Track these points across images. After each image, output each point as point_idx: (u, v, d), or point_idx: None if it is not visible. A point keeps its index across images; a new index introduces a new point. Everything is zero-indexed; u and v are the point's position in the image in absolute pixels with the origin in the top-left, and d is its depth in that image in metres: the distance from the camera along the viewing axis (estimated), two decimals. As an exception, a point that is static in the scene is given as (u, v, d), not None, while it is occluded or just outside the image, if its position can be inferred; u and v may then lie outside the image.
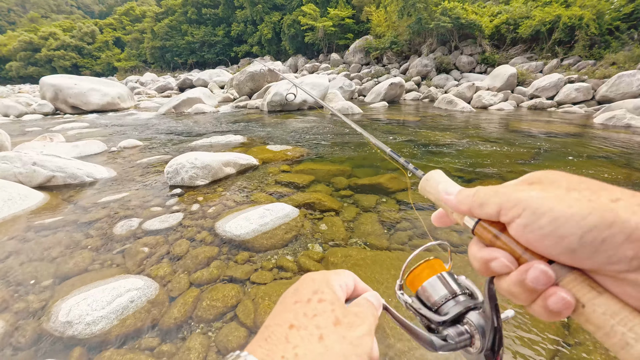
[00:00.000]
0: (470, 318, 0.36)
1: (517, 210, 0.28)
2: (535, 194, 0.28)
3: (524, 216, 0.28)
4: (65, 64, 53.13)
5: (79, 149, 5.31)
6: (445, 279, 0.40)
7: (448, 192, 0.37)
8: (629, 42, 14.16)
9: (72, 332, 1.58)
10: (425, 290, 0.40)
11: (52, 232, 2.64)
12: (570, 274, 0.27)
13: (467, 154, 4.88)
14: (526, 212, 0.28)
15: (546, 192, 0.28)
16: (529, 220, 0.27)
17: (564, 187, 0.28)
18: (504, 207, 0.29)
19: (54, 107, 12.08)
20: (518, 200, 0.29)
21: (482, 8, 20.87)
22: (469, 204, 0.34)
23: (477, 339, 0.35)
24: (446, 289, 0.39)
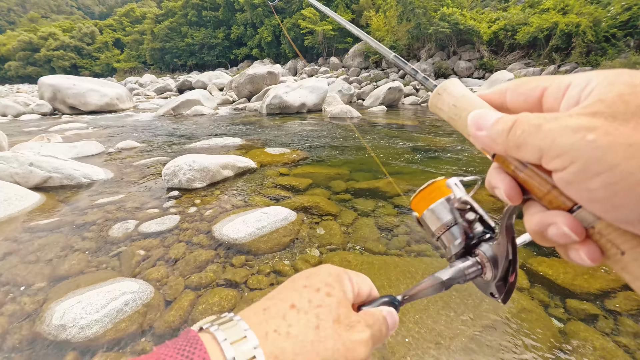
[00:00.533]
0: (482, 249, 0.35)
1: (563, 161, 0.21)
2: (592, 139, 0.20)
3: (569, 171, 0.21)
4: (65, 64, 53.09)
5: (77, 150, 5.29)
6: (451, 202, 0.37)
7: (479, 126, 0.28)
8: (625, 49, 14.33)
9: (65, 335, 1.56)
10: (433, 213, 0.37)
11: (48, 233, 2.62)
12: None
13: (464, 158, 4.89)
14: (574, 166, 0.21)
15: (613, 137, 0.19)
16: (575, 178, 0.21)
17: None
18: (547, 154, 0.22)
19: (52, 107, 12.05)
20: (565, 148, 0.21)
21: (481, 14, 21.08)
22: (504, 144, 0.25)
23: (488, 270, 0.34)
24: (452, 214, 0.36)
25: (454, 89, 0.33)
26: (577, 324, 1.66)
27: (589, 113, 0.21)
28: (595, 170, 0.20)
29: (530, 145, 0.23)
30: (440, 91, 0.34)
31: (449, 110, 0.33)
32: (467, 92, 0.33)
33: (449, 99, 0.33)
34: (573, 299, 1.84)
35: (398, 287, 1.94)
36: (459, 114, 0.32)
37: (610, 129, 0.19)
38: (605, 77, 0.22)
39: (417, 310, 1.73)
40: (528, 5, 20.04)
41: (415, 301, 0.38)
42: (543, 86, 0.26)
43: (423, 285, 0.36)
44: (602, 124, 0.20)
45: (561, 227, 0.23)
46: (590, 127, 0.20)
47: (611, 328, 1.64)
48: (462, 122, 0.32)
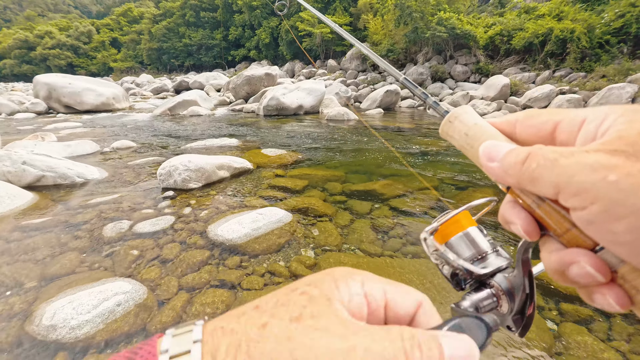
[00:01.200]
0: (498, 281, 0.33)
1: (582, 201, 0.20)
2: (614, 180, 0.19)
3: (590, 211, 0.20)
4: (61, 63, 52.71)
5: (71, 149, 5.24)
6: (472, 236, 0.35)
7: (491, 158, 0.27)
8: (618, 55, 14.52)
9: (55, 336, 1.54)
10: (451, 248, 0.35)
11: (40, 233, 2.58)
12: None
13: (460, 162, 4.92)
14: (595, 207, 0.20)
15: (636, 180, 0.18)
16: (596, 219, 0.20)
17: None
18: (564, 192, 0.21)
19: (48, 106, 11.94)
20: (584, 187, 0.20)
21: (477, 19, 21.27)
22: (517, 177, 0.24)
23: (504, 303, 0.32)
24: (474, 248, 0.34)
25: (466, 117, 0.33)
26: (570, 326, 1.67)
27: (608, 150, 0.20)
28: (619, 213, 0.19)
29: (546, 180, 0.22)
30: (452, 118, 0.34)
31: (460, 138, 0.33)
32: (479, 120, 0.32)
33: (461, 127, 0.32)
34: (567, 302, 1.85)
35: (393, 288, 1.94)
36: (471, 143, 0.31)
37: (633, 170, 0.19)
38: (622, 113, 0.21)
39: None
40: (524, 11, 20.26)
41: None
42: (555, 120, 0.25)
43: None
44: (624, 164, 0.19)
45: (585, 267, 0.22)
46: (610, 165, 0.19)
47: (604, 330, 1.65)
48: (474, 152, 0.31)
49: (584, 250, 0.23)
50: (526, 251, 0.30)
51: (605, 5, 16.78)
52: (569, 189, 0.21)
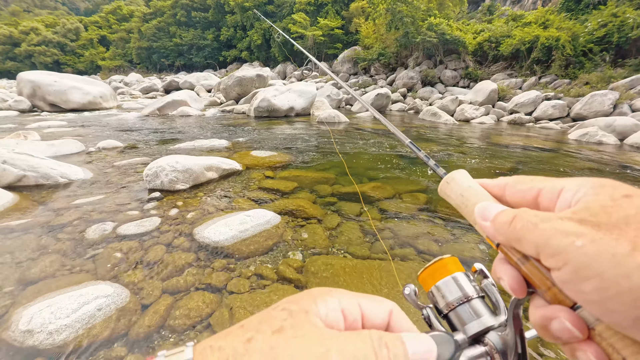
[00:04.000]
0: (491, 339, 0.33)
1: (557, 262, 0.23)
2: (581, 246, 0.22)
3: (564, 272, 0.23)
4: (46, 60, 51.41)
5: (55, 148, 5.11)
6: (458, 280, 0.36)
7: (484, 217, 0.31)
8: (601, 63, 15.00)
9: (32, 341, 1.49)
10: (439, 290, 0.37)
11: (19, 234, 2.50)
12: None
13: (449, 165, 4.98)
14: (567, 268, 0.22)
15: (598, 246, 0.21)
16: (568, 278, 0.23)
17: (630, 240, 0.20)
18: (543, 252, 0.24)
19: (32, 104, 11.64)
20: (558, 250, 0.23)
21: (466, 25, 21.69)
22: (505, 235, 0.28)
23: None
24: (460, 291, 0.35)
25: (462, 179, 0.37)
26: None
27: (577, 219, 0.23)
28: (586, 274, 0.21)
29: (529, 240, 0.25)
30: (449, 180, 0.38)
31: (456, 198, 0.36)
32: (473, 183, 0.36)
33: (457, 188, 0.36)
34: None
35: (381, 291, 1.94)
36: (466, 202, 0.35)
37: (596, 238, 0.21)
38: (592, 186, 0.25)
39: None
40: (511, 18, 20.74)
41: None
42: (539, 187, 0.29)
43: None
44: (589, 232, 0.22)
45: (563, 322, 0.24)
46: (578, 233, 0.22)
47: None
48: (468, 210, 0.34)
49: (564, 307, 0.25)
50: (516, 307, 0.31)
51: (588, 14, 17.33)
52: (547, 250, 0.24)
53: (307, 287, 1.99)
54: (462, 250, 2.47)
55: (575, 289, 0.22)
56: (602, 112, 10.80)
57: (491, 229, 0.29)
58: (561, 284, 0.24)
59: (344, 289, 0.29)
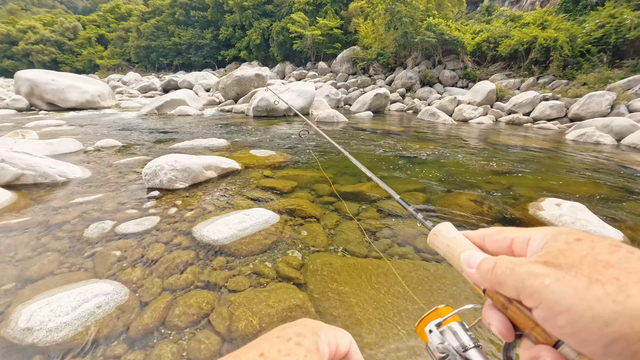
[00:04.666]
0: None
1: (533, 301, 0.26)
2: (550, 284, 0.25)
3: (541, 309, 0.26)
4: (44, 58, 51.13)
5: (53, 147, 5.09)
6: (454, 329, 0.37)
7: (470, 265, 0.34)
8: (598, 64, 15.06)
9: (32, 339, 1.49)
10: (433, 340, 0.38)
11: (18, 233, 2.50)
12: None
13: (447, 165, 5.00)
14: (542, 305, 0.25)
15: (562, 284, 0.24)
16: (545, 315, 0.25)
17: (586, 276, 0.24)
18: (522, 294, 0.27)
19: (29, 102, 11.59)
20: (532, 290, 0.26)
21: (465, 26, 21.72)
22: (489, 281, 0.31)
23: None
24: (457, 340, 0.36)
25: (447, 232, 0.41)
26: None
27: (542, 262, 0.27)
28: (557, 309, 0.24)
29: (509, 284, 0.28)
30: (436, 232, 0.42)
31: (443, 248, 0.40)
32: (457, 234, 0.40)
33: (443, 240, 0.40)
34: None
35: (379, 290, 1.95)
36: (452, 252, 0.38)
37: (559, 276, 0.25)
38: (552, 234, 0.29)
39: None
40: (510, 19, 20.80)
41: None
42: (511, 237, 0.33)
43: None
44: (553, 272, 0.25)
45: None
46: (545, 273, 0.26)
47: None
48: (455, 259, 0.38)
49: (547, 346, 0.27)
50: (508, 351, 0.33)
51: (586, 15, 17.40)
52: (524, 291, 0.27)
53: (307, 285, 2.00)
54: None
55: (553, 324, 0.25)
56: (600, 113, 10.85)
57: (477, 276, 0.33)
58: (542, 322, 0.26)
59: (322, 322, 0.35)
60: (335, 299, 1.87)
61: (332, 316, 1.74)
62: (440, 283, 2.03)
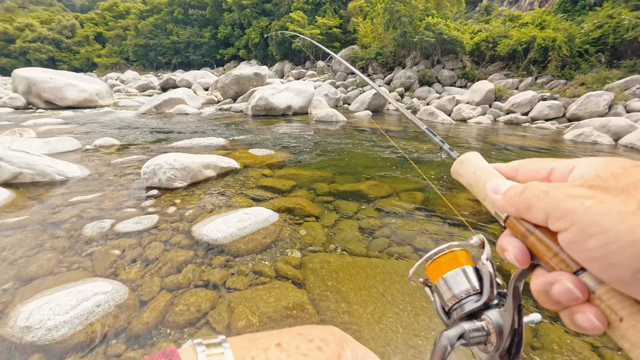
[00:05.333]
0: (489, 315, 0.34)
1: (565, 223, 0.24)
2: (589, 205, 0.23)
3: (570, 231, 0.24)
4: (42, 57, 50.87)
5: (51, 146, 5.07)
6: (468, 273, 0.37)
7: (496, 191, 0.32)
8: (596, 64, 15.11)
9: (31, 337, 1.49)
10: (446, 282, 0.38)
11: (16, 232, 2.49)
12: (608, 284, 0.24)
13: (446, 164, 5.01)
14: (574, 227, 0.24)
15: (606, 206, 0.22)
16: (575, 238, 0.24)
17: (637, 200, 0.22)
18: (552, 216, 0.25)
19: (27, 101, 11.53)
20: (567, 211, 0.24)
21: (464, 25, 21.74)
22: (515, 205, 0.29)
23: (493, 338, 0.34)
24: (469, 283, 0.36)
25: (475, 160, 0.39)
26: (546, 324, 1.72)
27: (588, 185, 0.25)
28: (592, 231, 0.23)
29: (538, 207, 0.26)
30: (463, 159, 0.40)
31: (468, 176, 0.38)
32: (485, 164, 0.38)
33: (470, 167, 0.38)
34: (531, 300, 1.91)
35: (378, 288, 1.96)
36: (477, 180, 0.37)
37: (605, 199, 0.23)
38: (603, 160, 0.27)
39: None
40: (508, 19, 20.83)
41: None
42: (551, 166, 0.31)
43: (436, 356, 0.34)
44: (598, 195, 0.23)
45: (565, 284, 0.25)
46: (588, 195, 0.24)
47: (578, 328, 1.71)
48: (479, 188, 0.36)
49: (566, 272, 0.26)
50: (518, 279, 0.32)
51: (584, 16, 17.45)
52: (556, 213, 0.25)
53: (306, 284, 2.00)
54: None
55: (581, 247, 0.24)
56: (598, 113, 10.90)
57: (502, 201, 0.31)
58: (567, 246, 0.25)
59: (351, 337, 0.33)
60: (335, 297, 1.87)
61: (331, 315, 1.75)
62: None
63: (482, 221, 2.99)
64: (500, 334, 0.33)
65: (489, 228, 2.87)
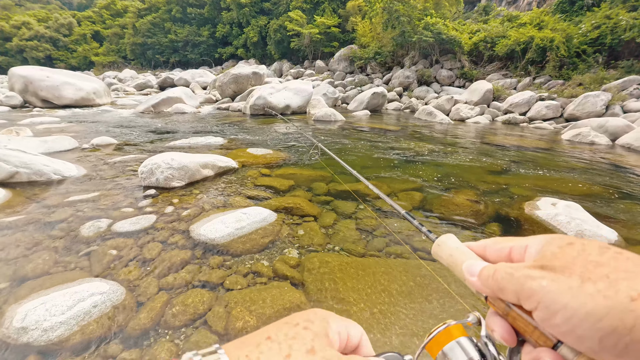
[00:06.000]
0: None
1: (533, 302, 0.27)
2: (546, 285, 0.27)
3: (539, 310, 0.27)
4: (38, 55, 50.55)
5: (48, 145, 5.04)
6: (463, 344, 0.38)
7: (472, 273, 0.36)
8: (594, 65, 15.17)
9: (27, 338, 1.48)
10: (445, 356, 0.38)
11: (12, 231, 2.48)
12: (584, 355, 0.26)
13: (444, 164, 5.02)
14: (540, 306, 0.27)
15: (558, 284, 0.26)
16: (544, 315, 0.27)
17: (578, 275, 0.25)
18: (521, 297, 0.29)
19: (23, 99, 11.45)
20: (531, 292, 0.27)
21: (462, 25, 21.77)
22: (490, 287, 0.33)
23: None
24: (465, 355, 0.37)
25: (450, 242, 0.42)
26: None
27: (538, 265, 0.29)
28: (554, 308, 0.26)
29: (508, 289, 0.30)
30: (440, 243, 0.44)
31: (447, 258, 0.41)
32: (460, 245, 0.41)
33: (447, 250, 0.42)
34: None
35: (376, 287, 1.96)
36: (455, 262, 0.40)
37: (554, 277, 0.27)
38: (547, 240, 0.31)
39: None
40: (506, 19, 20.87)
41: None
42: (510, 245, 0.35)
43: None
44: (548, 274, 0.27)
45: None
46: (541, 275, 0.27)
47: None
48: (458, 269, 0.39)
49: (546, 348, 0.28)
50: (512, 357, 0.33)
51: (582, 16, 17.51)
52: (523, 294, 0.28)
53: (304, 284, 2.00)
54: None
55: (551, 323, 0.26)
56: (595, 113, 10.94)
57: (478, 283, 0.35)
58: (541, 323, 0.28)
59: (333, 312, 0.35)
60: (333, 297, 1.87)
61: (330, 315, 1.74)
62: (438, 283, 2.03)
63: (480, 221, 2.99)
64: None
65: (487, 229, 2.88)
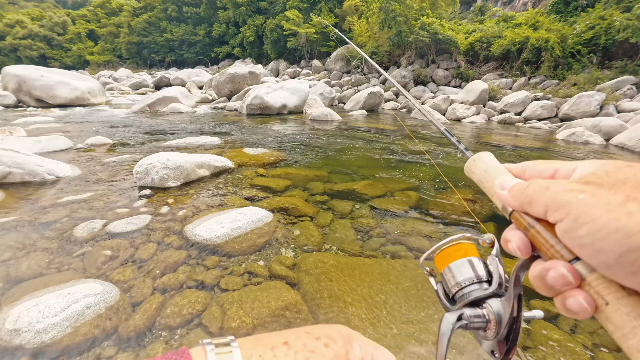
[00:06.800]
0: (491, 303, 0.36)
1: (561, 214, 0.27)
2: (582, 198, 0.26)
3: (565, 221, 0.27)
4: (32, 54, 50.00)
5: (42, 145, 4.99)
6: (474, 263, 0.39)
7: (503, 187, 0.35)
8: (588, 65, 15.31)
9: (19, 341, 1.46)
10: (451, 270, 0.40)
11: (5, 232, 2.45)
12: (598, 272, 0.26)
13: (441, 164, 5.04)
14: (568, 217, 0.26)
15: (597, 198, 0.25)
16: (569, 227, 0.26)
17: (624, 194, 0.24)
18: (550, 208, 0.28)
19: (17, 99, 11.34)
20: (563, 203, 0.27)
21: (458, 25, 21.88)
22: (520, 200, 0.32)
23: (492, 325, 0.36)
24: (473, 272, 0.39)
25: (487, 159, 0.42)
26: (539, 322, 1.74)
27: (583, 181, 0.28)
28: (583, 220, 0.25)
29: (539, 201, 0.29)
30: (476, 158, 0.43)
31: (480, 174, 0.41)
32: (497, 163, 0.41)
33: (482, 165, 0.41)
34: (535, 299, 1.93)
35: (372, 287, 1.96)
36: (488, 178, 0.39)
37: (596, 192, 0.26)
38: (601, 161, 0.30)
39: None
40: (502, 19, 21.00)
41: None
42: (555, 167, 0.33)
43: (442, 344, 0.36)
44: (591, 189, 0.26)
45: (560, 270, 0.27)
46: (582, 189, 0.27)
47: (570, 326, 1.74)
48: (489, 185, 0.39)
49: (561, 260, 0.28)
50: (520, 270, 0.34)
51: (577, 17, 17.65)
52: (553, 205, 0.28)
53: (300, 284, 2.00)
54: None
55: (573, 235, 0.26)
56: (589, 113, 11.03)
57: (507, 197, 0.34)
58: (562, 235, 0.27)
59: (360, 334, 0.34)
60: (329, 297, 1.87)
61: (326, 315, 1.74)
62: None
63: (476, 220, 3.01)
64: (500, 321, 0.35)
65: (482, 227, 2.89)
